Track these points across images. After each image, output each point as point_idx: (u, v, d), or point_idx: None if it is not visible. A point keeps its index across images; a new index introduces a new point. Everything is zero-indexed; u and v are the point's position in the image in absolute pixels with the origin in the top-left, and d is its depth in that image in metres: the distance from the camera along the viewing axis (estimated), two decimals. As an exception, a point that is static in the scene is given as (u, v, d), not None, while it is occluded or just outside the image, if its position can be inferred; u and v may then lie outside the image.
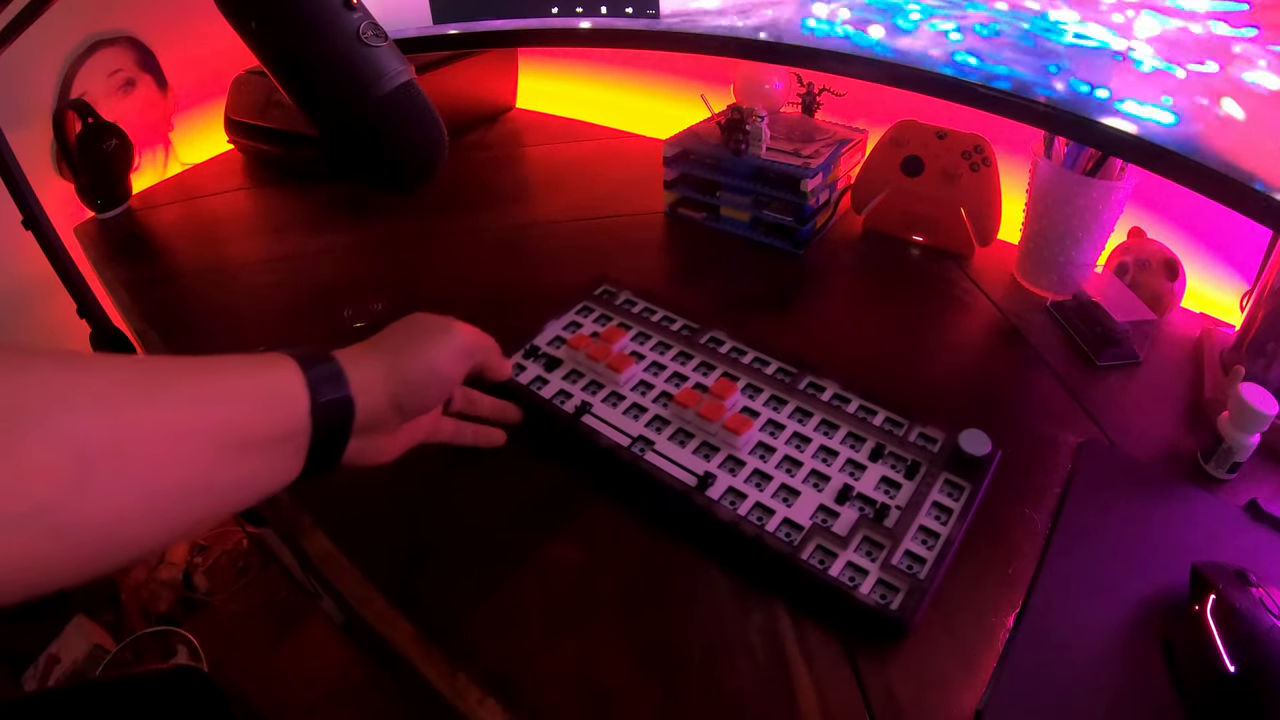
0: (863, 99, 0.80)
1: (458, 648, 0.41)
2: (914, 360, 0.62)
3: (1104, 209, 0.64)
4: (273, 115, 0.93)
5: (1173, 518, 0.47)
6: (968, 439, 0.47)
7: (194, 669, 0.67)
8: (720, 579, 0.44)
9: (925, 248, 0.76)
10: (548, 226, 0.83)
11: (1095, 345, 0.61)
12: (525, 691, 0.39)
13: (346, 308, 0.67)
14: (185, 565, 1.28)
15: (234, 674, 1.17)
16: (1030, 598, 0.42)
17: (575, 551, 0.46)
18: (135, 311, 0.73)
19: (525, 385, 0.56)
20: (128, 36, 0.99)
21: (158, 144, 1.06)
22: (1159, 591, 0.42)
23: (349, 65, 0.43)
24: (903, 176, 0.74)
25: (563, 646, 0.41)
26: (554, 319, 0.62)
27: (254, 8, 0.42)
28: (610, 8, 0.76)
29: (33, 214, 0.68)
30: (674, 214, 0.83)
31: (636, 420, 0.52)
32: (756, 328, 0.64)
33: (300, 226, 0.87)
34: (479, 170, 0.97)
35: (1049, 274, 0.68)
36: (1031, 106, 0.58)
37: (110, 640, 1.08)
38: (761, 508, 0.46)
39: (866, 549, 0.43)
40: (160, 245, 0.85)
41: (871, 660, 0.40)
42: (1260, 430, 0.48)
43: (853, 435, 0.50)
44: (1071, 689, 0.38)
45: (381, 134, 0.46)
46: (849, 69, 0.67)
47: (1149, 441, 0.53)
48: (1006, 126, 0.61)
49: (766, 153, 0.74)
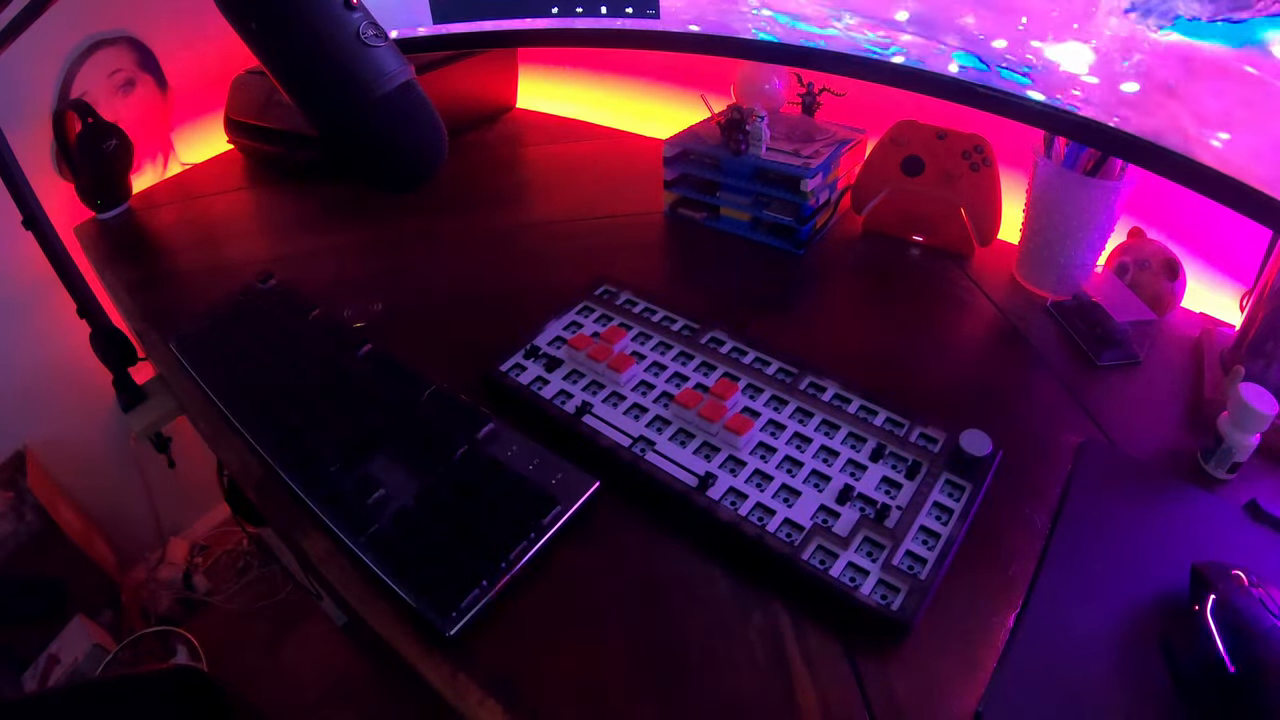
0: (863, 99, 0.80)
1: (458, 648, 0.41)
2: (914, 360, 0.62)
3: (1104, 209, 0.63)
4: (273, 115, 0.93)
5: (1173, 518, 0.47)
6: (968, 439, 0.47)
7: (194, 669, 0.68)
8: (721, 579, 0.44)
9: (925, 248, 0.76)
10: (548, 226, 0.83)
11: (1095, 345, 0.61)
12: (525, 692, 0.39)
13: (346, 308, 0.67)
14: (185, 565, 1.28)
15: (234, 674, 1.17)
16: (1030, 598, 0.42)
17: (576, 552, 0.46)
18: (135, 311, 0.73)
19: (526, 385, 0.56)
20: (128, 36, 0.99)
21: (158, 144, 1.06)
22: (1159, 591, 0.42)
23: (349, 65, 0.43)
24: (903, 176, 0.74)
25: (563, 646, 0.41)
26: (555, 319, 0.62)
27: (254, 8, 0.42)
28: (610, 8, 0.76)
29: (33, 214, 0.68)
30: (674, 214, 0.83)
31: (637, 421, 0.52)
32: (757, 328, 0.64)
33: (300, 226, 0.87)
34: (479, 170, 0.97)
35: (1049, 274, 0.68)
36: (1031, 106, 0.58)
37: (110, 640, 1.08)
38: (762, 508, 0.46)
39: (867, 549, 0.43)
40: (160, 245, 0.85)
41: (871, 660, 0.40)
42: (1260, 430, 0.48)
43: (853, 435, 0.50)
44: (1071, 689, 0.38)
45: (381, 134, 0.45)
46: (849, 69, 0.67)
47: (1149, 441, 0.53)
48: (1006, 126, 0.61)
49: (766, 153, 0.74)
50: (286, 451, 0.52)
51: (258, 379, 0.58)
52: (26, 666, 1.00)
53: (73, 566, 1.05)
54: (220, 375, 0.60)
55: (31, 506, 1.00)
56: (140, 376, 0.78)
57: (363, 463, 0.50)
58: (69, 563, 1.04)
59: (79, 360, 0.88)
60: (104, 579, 1.10)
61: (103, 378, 0.77)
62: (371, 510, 0.47)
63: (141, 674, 0.66)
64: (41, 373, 1.03)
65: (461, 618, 0.41)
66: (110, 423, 1.13)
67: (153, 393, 0.78)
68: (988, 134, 0.71)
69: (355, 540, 0.45)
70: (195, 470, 1.15)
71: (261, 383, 0.57)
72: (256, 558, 1.34)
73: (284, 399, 0.55)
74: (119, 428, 1.12)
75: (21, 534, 0.99)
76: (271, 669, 1.19)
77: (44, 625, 1.03)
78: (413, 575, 0.43)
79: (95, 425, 1.12)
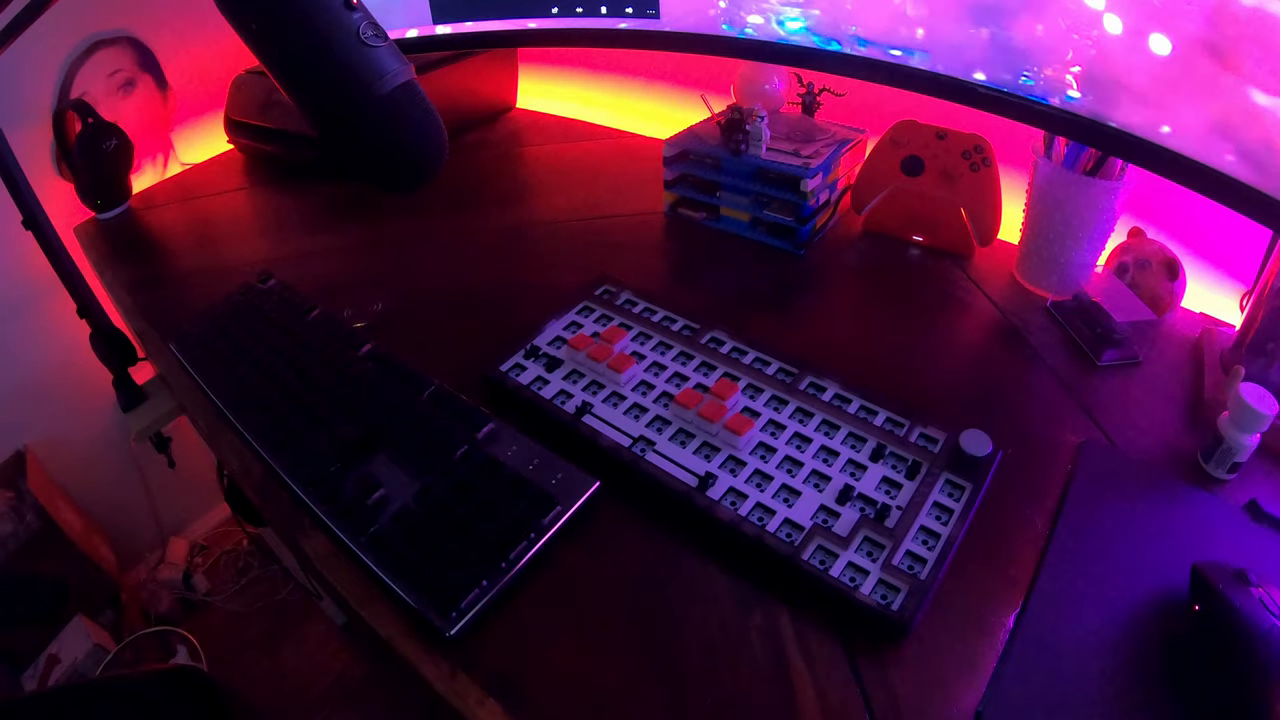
0: (863, 99, 0.80)
1: (458, 648, 0.41)
2: (914, 360, 0.62)
3: (1104, 209, 0.63)
4: (273, 115, 0.93)
5: (1173, 518, 0.47)
6: (968, 439, 0.47)
7: (194, 669, 0.68)
8: (721, 579, 0.44)
9: (925, 248, 0.76)
10: (548, 226, 0.83)
11: (1095, 345, 0.61)
12: (526, 692, 0.39)
13: (346, 308, 0.67)
14: (185, 565, 1.28)
15: (234, 674, 1.17)
16: (1030, 598, 0.42)
17: (576, 552, 0.46)
18: (135, 311, 0.73)
19: (526, 385, 0.56)
20: (128, 36, 0.99)
21: (158, 144, 1.06)
22: (1159, 591, 0.42)
23: (349, 65, 0.43)
24: (903, 176, 0.74)
25: (563, 647, 0.41)
26: (555, 319, 0.62)
27: (254, 8, 0.42)
28: (610, 8, 0.76)
29: (33, 214, 0.68)
30: (674, 214, 0.83)
31: (637, 421, 0.52)
32: (757, 328, 0.64)
33: (300, 226, 0.87)
34: (479, 170, 0.97)
35: (1049, 274, 0.68)
36: (1031, 106, 0.58)
37: (110, 640, 1.08)
38: (762, 508, 0.46)
39: (867, 549, 0.43)
40: (160, 245, 0.85)
41: (871, 660, 0.40)
42: (1260, 430, 0.48)
43: (854, 435, 0.50)
44: (1071, 689, 0.38)
45: (382, 134, 0.45)
46: (849, 69, 0.67)
47: (1149, 441, 0.53)
48: (1006, 126, 0.61)
49: (766, 153, 0.74)
50: (286, 451, 0.52)
51: (258, 379, 0.58)
52: (26, 666, 0.99)
53: (73, 566, 1.05)
54: (220, 375, 0.60)
55: (31, 506, 1.01)
56: (140, 376, 0.78)
57: (363, 463, 0.50)
58: (69, 563, 1.04)
59: (79, 360, 0.88)
60: (104, 579, 1.10)
61: (103, 378, 0.77)
62: (371, 510, 0.47)
63: (141, 674, 0.66)
64: (41, 373, 1.03)
65: (461, 618, 0.41)
66: (110, 423, 1.13)
67: (153, 393, 0.79)
68: (988, 134, 0.71)
69: (355, 540, 0.45)
70: (195, 470, 1.15)
71: (261, 383, 0.57)
72: (256, 558, 1.34)
73: (284, 399, 0.55)
74: (119, 428, 1.12)
75: (21, 534, 0.99)
76: (271, 669, 1.19)
77: (44, 625, 1.03)
78: (413, 575, 0.43)
79: (95, 425, 1.12)
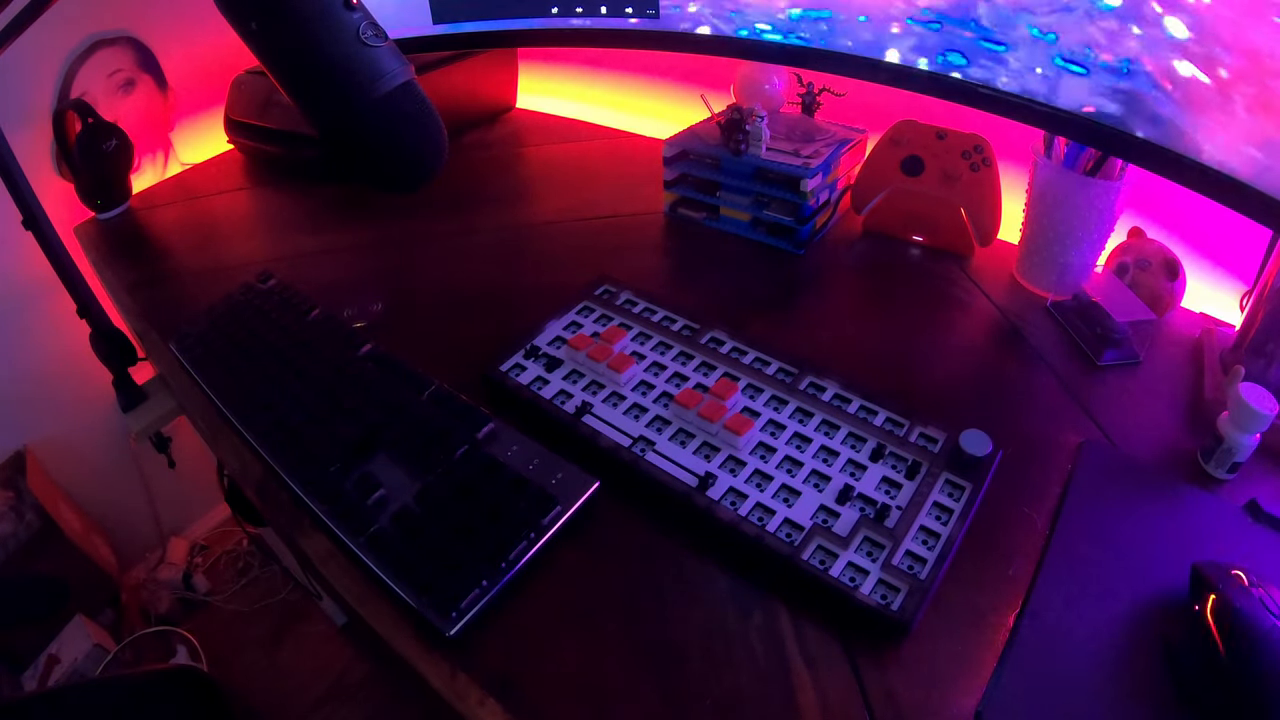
0: (863, 99, 0.80)
1: (458, 648, 0.41)
2: (914, 360, 0.62)
3: (1104, 209, 0.63)
4: (273, 115, 0.93)
5: (1173, 518, 0.47)
6: (968, 439, 0.47)
7: (194, 669, 0.68)
8: (720, 579, 0.44)
9: (925, 248, 0.76)
10: (548, 226, 0.83)
11: (1095, 345, 0.61)
12: (526, 692, 0.39)
13: (346, 308, 0.67)
14: (185, 565, 1.28)
15: (234, 674, 1.17)
16: (1030, 598, 0.42)
17: (576, 552, 0.46)
18: (135, 311, 0.73)
19: (525, 385, 0.56)
20: (128, 36, 0.99)
21: (158, 144, 1.06)
22: (1159, 591, 0.42)
23: (349, 65, 0.43)
24: (903, 176, 0.74)
25: (563, 647, 0.41)
26: (554, 319, 0.62)
27: (254, 8, 0.42)
28: (610, 8, 0.76)
29: (33, 214, 0.68)
30: (674, 214, 0.83)
31: (637, 421, 0.52)
32: (757, 328, 0.64)
33: (300, 226, 0.87)
34: (479, 170, 0.97)
35: (1049, 274, 0.68)
36: (1031, 106, 0.58)
37: (110, 640, 1.08)
38: (762, 508, 0.46)
39: (867, 549, 0.43)
40: (160, 245, 0.85)
41: (871, 660, 0.40)
42: (1260, 430, 0.48)
43: (853, 435, 0.50)
44: (1071, 689, 0.38)
45: (382, 134, 0.46)
46: (849, 69, 0.67)
47: (1149, 441, 0.53)
48: (1006, 126, 0.61)
49: (766, 153, 0.74)
50: (286, 451, 0.52)
51: (258, 379, 0.58)
52: (26, 666, 1.00)
53: (73, 566, 1.05)
54: (220, 375, 0.60)
55: (31, 506, 1.00)
56: (140, 376, 0.78)
57: (363, 463, 0.50)
58: (69, 563, 1.04)
59: (79, 360, 0.88)
60: (104, 579, 1.10)
61: (103, 378, 0.77)
62: (371, 510, 0.47)
63: (141, 674, 0.66)
64: (41, 373, 1.03)
65: (461, 618, 0.41)
66: (110, 423, 1.13)
67: (152, 393, 0.79)
68: (988, 134, 0.71)
69: (355, 540, 0.45)
70: (195, 470, 1.15)
71: (261, 383, 0.57)
72: (256, 558, 1.34)
73: (284, 399, 0.55)
74: (119, 428, 1.12)
75: (21, 534, 0.99)
76: (271, 669, 1.19)
77: (44, 625, 1.03)
78: (413, 575, 0.43)
79: (95, 425, 1.12)
